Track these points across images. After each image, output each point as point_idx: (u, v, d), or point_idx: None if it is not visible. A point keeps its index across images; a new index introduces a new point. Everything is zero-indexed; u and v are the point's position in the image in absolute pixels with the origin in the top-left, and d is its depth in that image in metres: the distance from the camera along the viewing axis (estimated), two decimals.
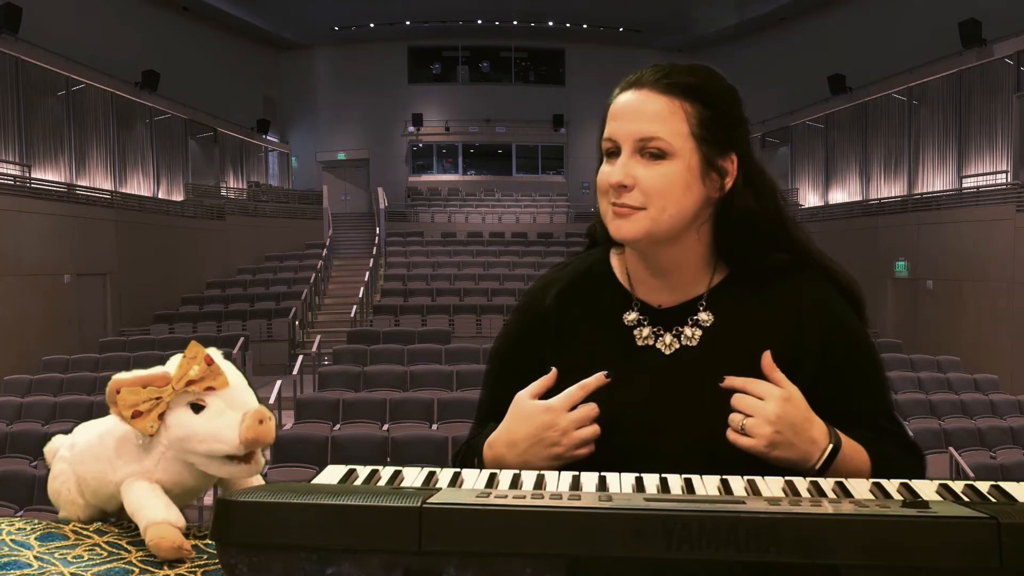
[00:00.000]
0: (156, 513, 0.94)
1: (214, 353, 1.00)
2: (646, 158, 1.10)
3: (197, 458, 0.97)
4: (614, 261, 1.25)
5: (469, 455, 1.20)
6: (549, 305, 1.24)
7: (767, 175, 1.18)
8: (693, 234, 1.15)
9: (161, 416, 0.97)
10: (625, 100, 1.13)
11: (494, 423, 1.17)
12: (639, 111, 1.11)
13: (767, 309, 1.17)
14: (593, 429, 1.10)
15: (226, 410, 0.96)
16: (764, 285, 1.17)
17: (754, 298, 1.17)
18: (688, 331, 1.17)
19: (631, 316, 1.19)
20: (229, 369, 1.00)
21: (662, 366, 1.16)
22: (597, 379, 1.11)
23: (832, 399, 1.11)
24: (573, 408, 1.10)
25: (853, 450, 1.09)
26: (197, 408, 0.97)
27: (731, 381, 1.08)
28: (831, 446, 1.06)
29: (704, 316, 1.17)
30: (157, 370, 0.99)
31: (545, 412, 1.10)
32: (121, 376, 0.98)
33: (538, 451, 1.10)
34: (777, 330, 1.14)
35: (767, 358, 1.08)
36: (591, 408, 1.10)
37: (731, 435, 1.06)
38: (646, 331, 1.18)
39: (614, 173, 1.11)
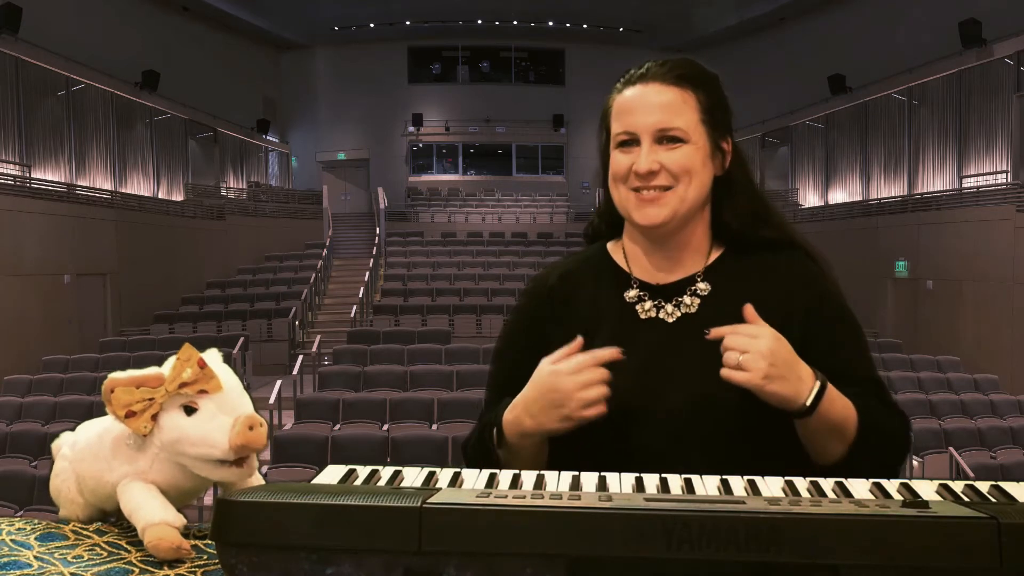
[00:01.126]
0: (153, 514, 0.94)
1: (211, 355, 1.00)
2: (665, 144, 1.20)
3: (189, 461, 0.97)
4: (611, 248, 1.33)
5: (490, 425, 1.23)
6: (553, 285, 1.32)
7: (748, 157, 1.30)
8: (699, 214, 1.24)
9: (155, 417, 0.97)
10: (637, 94, 1.22)
11: (509, 397, 1.21)
12: (654, 103, 1.21)
13: (758, 279, 1.26)
14: (599, 391, 1.12)
15: (218, 414, 0.97)
16: (754, 259, 1.28)
17: (746, 270, 1.27)
18: (688, 299, 1.25)
19: (631, 293, 1.27)
20: (224, 372, 1.00)
21: (666, 333, 1.23)
22: (611, 352, 1.14)
23: (821, 360, 1.15)
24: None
25: (838, 395, 1.14)
26: (190, 410, 0.97)
27: (718, 331, 1.11)
28: (819, 383, 1.11)
29: (702, 286, 1.25)
30: (152, 371, 0.99)
31: (551, 375, 1.14)
32: (116, 375, 0.99)
33: (547, 412, 1.14)
34: (769, 296, 1.21)
35: (749, 309, 1.12)
36: (597, 371, 1.12)
37: (725, 372, 1.09)
38: (648, 304, 1.26)
39: (642, 162, 1.20)
